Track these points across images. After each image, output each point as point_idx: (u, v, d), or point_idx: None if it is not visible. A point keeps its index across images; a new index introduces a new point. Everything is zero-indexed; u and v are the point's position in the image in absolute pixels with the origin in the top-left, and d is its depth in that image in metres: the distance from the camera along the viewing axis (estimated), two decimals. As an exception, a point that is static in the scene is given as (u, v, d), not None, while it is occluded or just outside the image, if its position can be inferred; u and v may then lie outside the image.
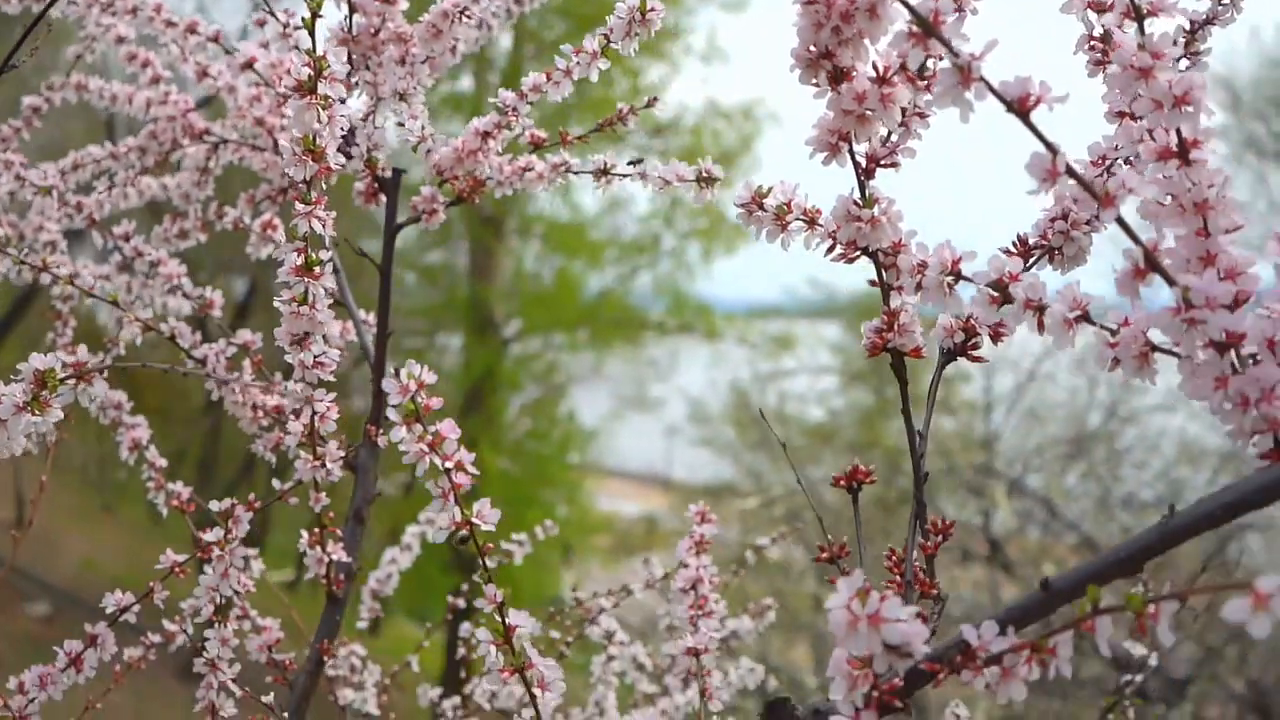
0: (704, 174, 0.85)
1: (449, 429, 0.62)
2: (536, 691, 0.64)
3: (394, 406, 0.60)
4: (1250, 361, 0.52)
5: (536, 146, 0.99)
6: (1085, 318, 0.56)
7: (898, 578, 0.65)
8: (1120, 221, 0.51)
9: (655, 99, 1.02)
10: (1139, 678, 1.10)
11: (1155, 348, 0.55)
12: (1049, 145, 0.51)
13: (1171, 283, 0.51)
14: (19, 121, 1.36)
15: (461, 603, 1.52)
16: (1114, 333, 0.55)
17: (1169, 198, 0.55)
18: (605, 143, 1.04)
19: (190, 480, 1.09)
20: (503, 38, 9.96)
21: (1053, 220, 0.68)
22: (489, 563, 0.65)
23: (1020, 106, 0.51)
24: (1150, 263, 0.52)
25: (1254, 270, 0.54)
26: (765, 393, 10.18)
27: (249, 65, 1.07)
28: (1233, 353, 0.53)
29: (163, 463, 1.11)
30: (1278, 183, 8.01)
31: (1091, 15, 0.63)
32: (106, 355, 0.99)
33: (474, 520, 0.63)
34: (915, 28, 0.51)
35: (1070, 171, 0.51)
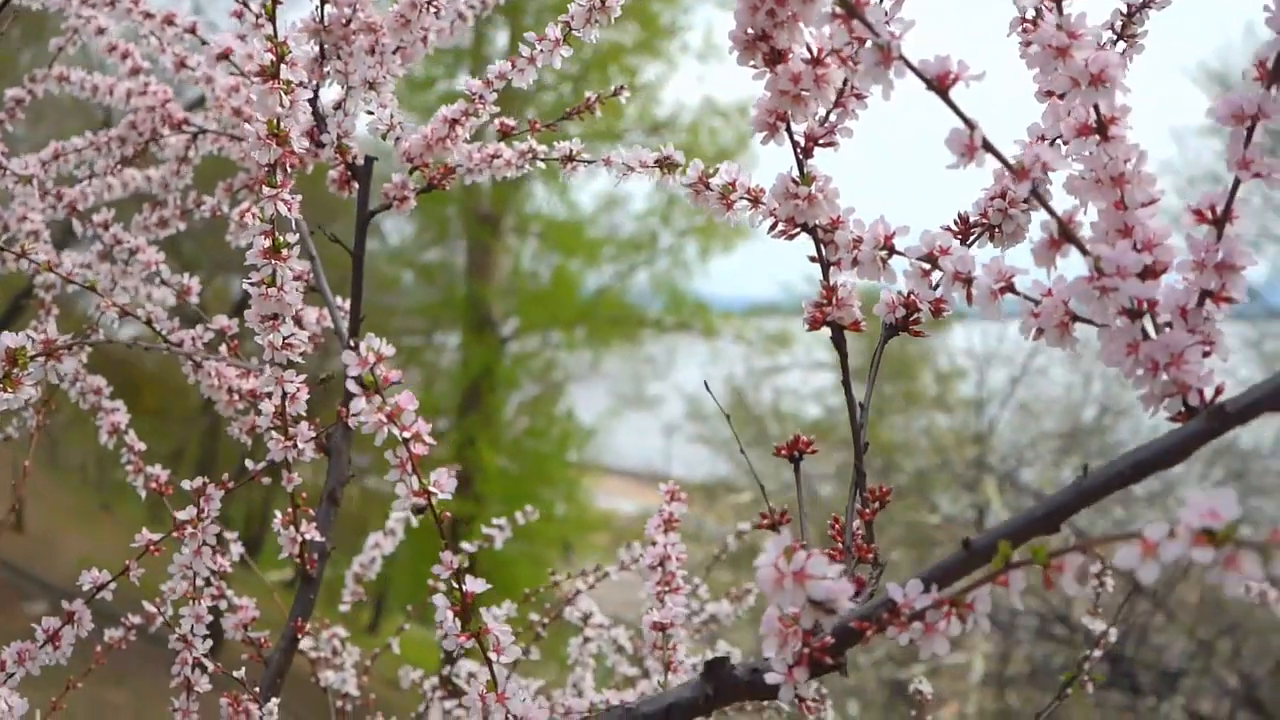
0: (664, 160, 0.88)
1: (407, 400, 0.64)
2: (492, 655, 0.67)
3: (353, 378, 0.62)
4: (1166, 329, 0.54)
5: (505, 135, 1.01)
6: (1009, 288, 0.58)
7: (839, 544, 0.67)
8: (1035, 194, 0.54)
9: (622, 88, 1.04)
10: (1097, 653, 1.12)
11: (1076, 317, 0.57)
12: (967, 121, 0.53)
13: (1085, 252, 0.54)
14: (2, 114, 1.38)
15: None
16: (1037, 303, 0.58)
17: (1090, 172, 0.57)
18: (603, 141, 1.06)
19: (189, 479, 1.10)
20: (499, 36, 9.99)
21: (992, 199, 0.70)
22: (468, 546, 0.67)
23: (940, 84, 0.53)
24: (1065, 234, 0.54)
25: (1169, 242, 0.56)
26: (761, 389, 10.20)
27: (225, 56, 1.09)
28: (1148, 320, 0.55)
29: (141, 446, 1.13)
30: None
31: (1023, -2, 0.65)
32: (84, 340, 1.01)
33: (431, 489, 0.65)
34: (839, 9, 0.53)
35: (987, 146, 0.53)
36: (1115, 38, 0.71)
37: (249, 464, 0.98)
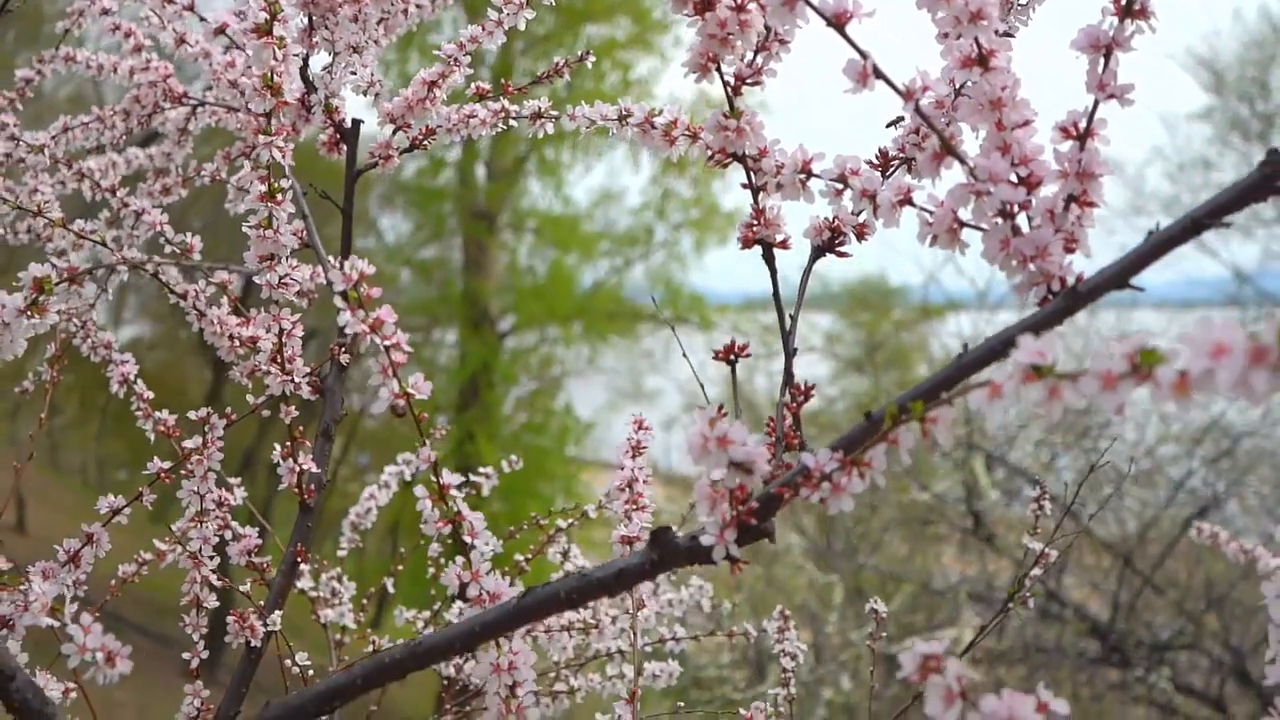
0: (624, 113, 0.96)
1: (387, 314, 0.73)
2: (468, 539, 0.75)
3: (339, 293, 0.71)
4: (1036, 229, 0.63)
5: (480, 97, 1.10)
6: (908, 201, 0.67)
7: (771, 437, 0.76)
8: (919, 113, 0.63)
9: (588, 53, 1.12)
10: (1037, 571, 1.21)
11: (963, 223, 0.66)
12: (861, 52, 0.62)
13: (963, 162, 0.62)
14: (12, 93, 1.46)
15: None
16: (931, 213, 0.67)
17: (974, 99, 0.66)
18: (597, 136, 1.14)
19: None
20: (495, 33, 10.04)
21: (907, 134, 0.79)
22: (458, 485, 0.76)
23: (838, 21, 0.62)
24: (946, 147, 0.63)
25: (1042, 158, 0.65)
26: (755, 380, 10.28)
27: (221, 31, 1.18)
28: (1024, 221, 0.64)
29: (150, 395, 1.22)
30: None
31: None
32: (103, 266, 1.09)
33: (410, 390, 0.74)
34: (750, -43, 0.62)
35: (878, 73, 0.62)
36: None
37: (245, 458, 1.07)
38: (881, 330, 10.74)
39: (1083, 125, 0.63)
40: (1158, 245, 0.57)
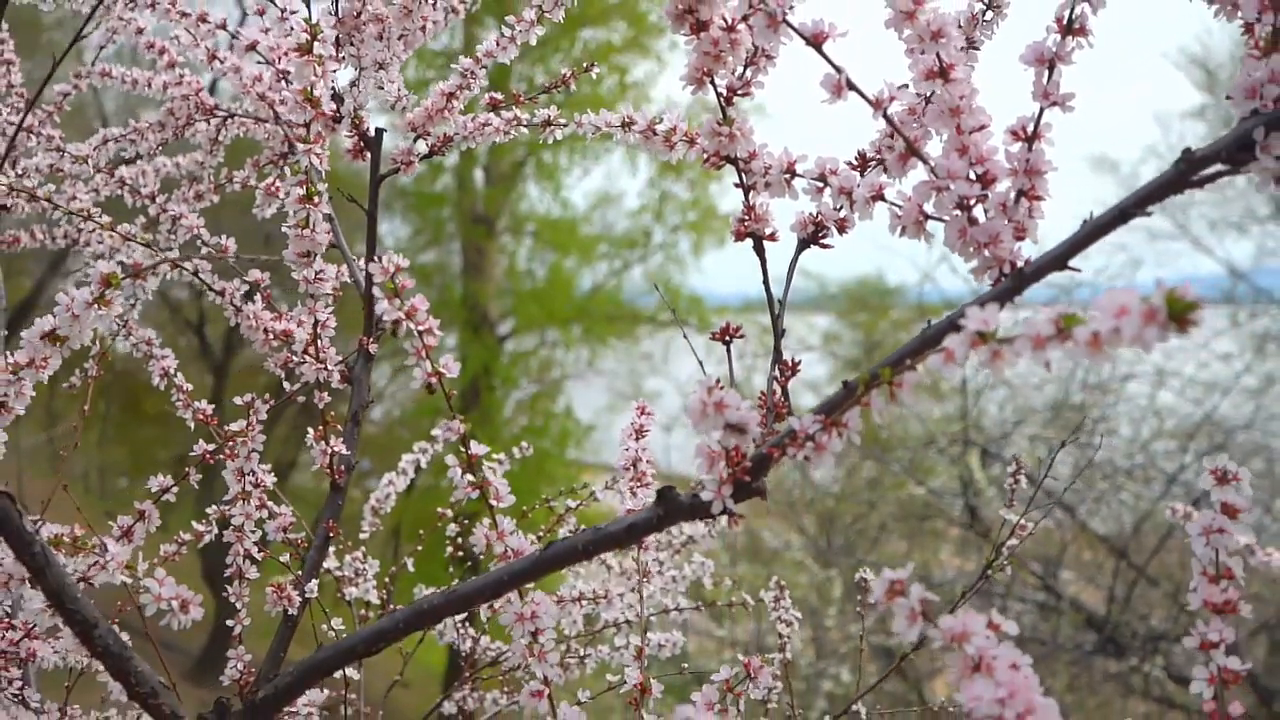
0: (627, 120, 1.06)
1: (420, 302, 0.82)
2: (493, 502, 0.85)
3: (378, 284, 0.81)
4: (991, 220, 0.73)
5: (494, 107, 1.19)
6: (879, 197, 0.77)
7: (763, 408, 0.85)
8: (887, 119, 0.72)
9: (592, 64, 1.22)
10: (1013, 541, 1.30)
11: (927, 215, 0.75)
12: (836, 68, 0.72)
13: (925, 162, 0.72)
14: (51, 105, 1.56)
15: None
16: (900, 207, 0.76)
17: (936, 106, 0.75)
18: (596, 140, 1.23)
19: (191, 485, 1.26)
20: (489, 37, 10.17)
21: (882, 138, 0.88)
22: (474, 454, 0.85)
23: (816, 40, 0.71)
24: (910, 150, 0.72)
25: (997, 157, 0.74)
26: (755, 380, 10.36)
27: (252, 47, 1.27)
28: (981, 212, 0.73)
29: (189, 386, 1.31)
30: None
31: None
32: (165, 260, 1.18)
33: (441, 370, 0.83)
34: (739, -14, 0.71)
35: (850, 85, 0.71)
36: (983, 8, 0.89)
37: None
38: (879, 330, 10.83)
39: (1030, 129, 0.73)
40: (1091, 231, 0.67)
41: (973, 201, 0.72)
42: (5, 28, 1.62)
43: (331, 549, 1.52)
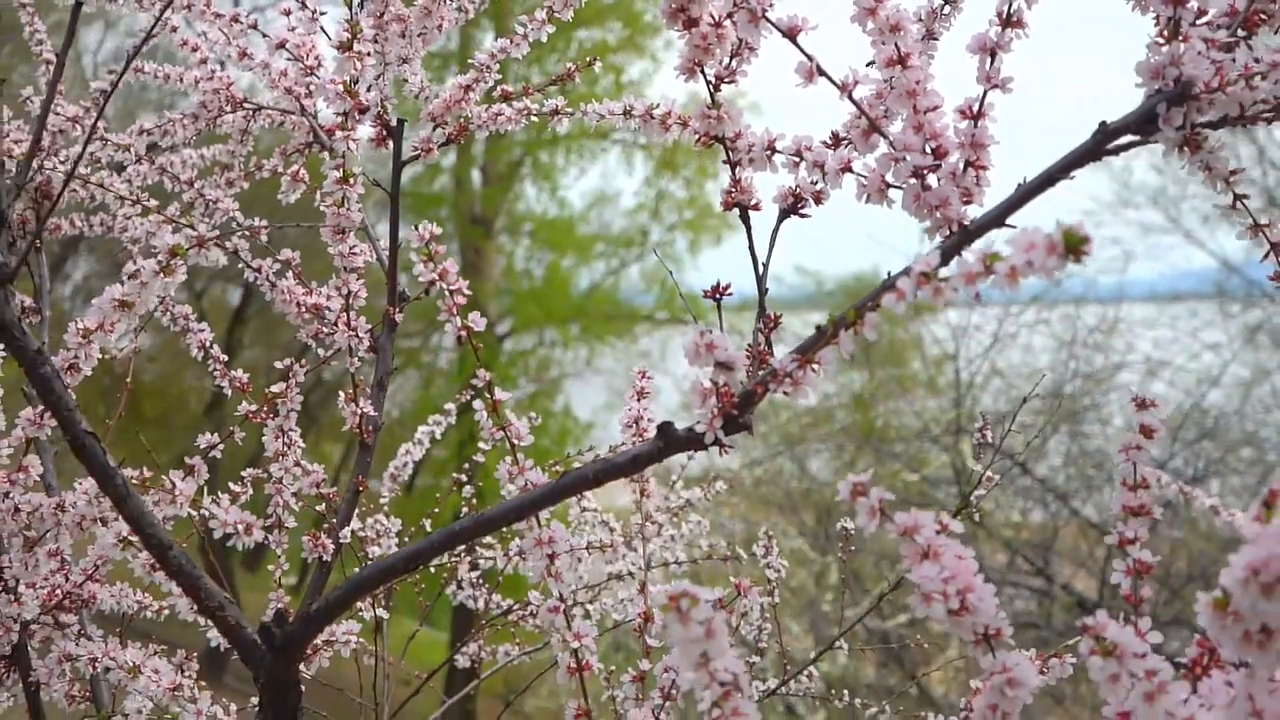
0: (627, 108, 1.17)
1: (451, 265, 0.94)
2: (515, 440, 0.97)
3: (415, 250, 0.93)
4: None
5: (506, 98, 1.31)
6: (848, 169, 0.89)
7: (749, 362, 0.97)
8: (853, 101, 0.84)
9: (594, 59, 1.34)
10: (981, 492, 1.41)
11: (888, 184, 0.87)
12: (808, 56, 0.83)
13: (885, 138, 0.84)
14: (88, 102, 1.67)
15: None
16: (865, 178, 0.88)
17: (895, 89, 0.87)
18: (596, 137, 1.35)
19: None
20: (486, 38, 10.30)
21: (852, 118, 1.00)
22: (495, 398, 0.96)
23: (790, 33, 0.83)
24: (873, 127, 0.84)
25: (948, 134, 0.86)
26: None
27: (282, 45, 1.39)
28: (934, 180, 0.85)
29: (224, 357, 1.43)
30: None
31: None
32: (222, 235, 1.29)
33: (469, 324, 0.95)
34: (724, -13, 0.83)
35: (820, 71, 0.83)
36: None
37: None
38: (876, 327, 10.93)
39: (976, 109, 0.85)
40: (1024, 194, 0.79)
41: (926, 171, 0.84)
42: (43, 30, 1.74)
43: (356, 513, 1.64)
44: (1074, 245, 0.59)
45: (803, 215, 1.00)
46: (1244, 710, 0.60)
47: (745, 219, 0.97)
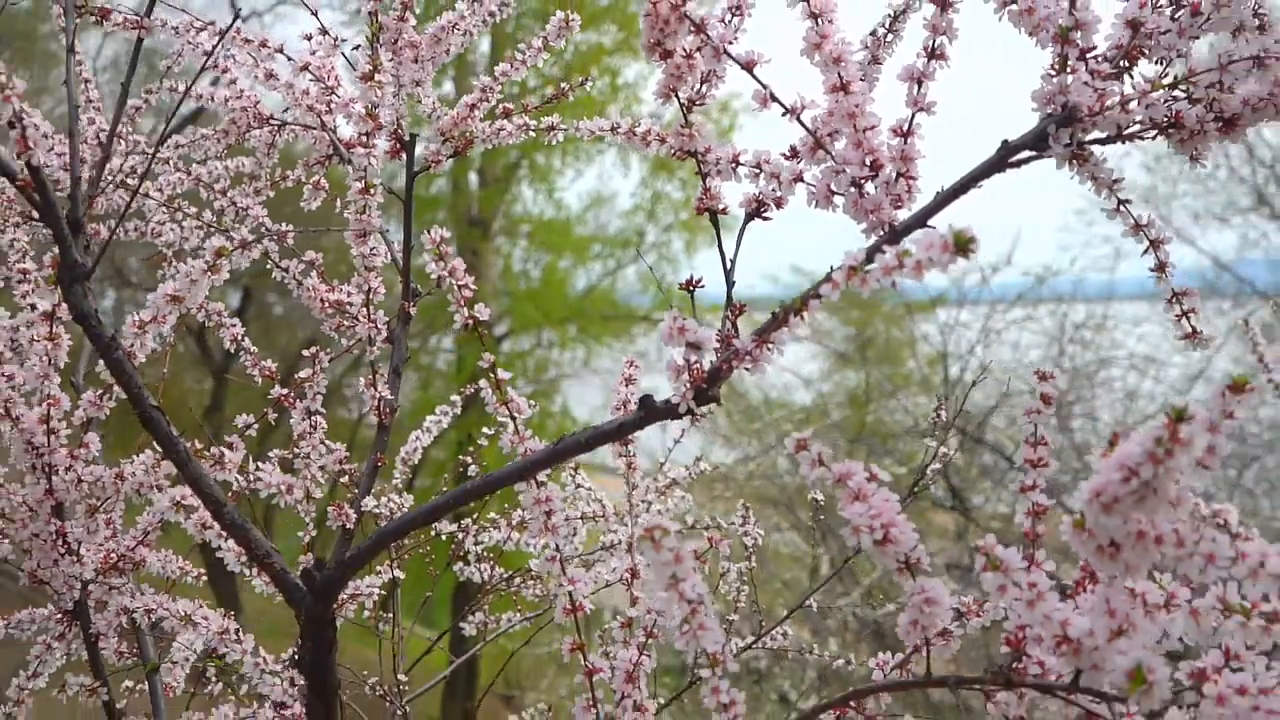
0: (615, 125, 1.33)
1: (460, 263, 1.10)
2: (516, 414, 1.12)
3: (426, 250, 1.08)
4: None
5: (506, 115, 1.46)
6: (800, 179, 1.04)
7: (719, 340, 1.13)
8: (800, 122, 1.00)
9: (587, 78, 1.49)
10: (936, 467, 1.56)
11: (833, 192, 1.03)
12: (762, 85, 0.99)
13: (828, 153, 0.99)
14: (124, 118, 1.83)
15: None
16: (813, 187, 1.04)
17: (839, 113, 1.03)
18: (592, 142, 1.50)
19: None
20: (481, 43, 10.46)
21: (804, 138, 1.15)
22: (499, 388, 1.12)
23: (747, 65, 0.99)
24: (817, 143, 1.00)
25: (883, 149, 1.02)
26: (745, 376, 10.60)
27: (305, 68, 1.55)
28: (871, 188, 1.01)
29: (255, 350, 1.58)
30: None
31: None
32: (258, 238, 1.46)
33: (475, 315, 1.11)
34: (693, 27, 0.99)
35: (773, 97, 0.99)
36: (885, 31, 1.17)
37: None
38: (871, 326, 11.11)
39: (905, 128, 1.00)
40: (939, 202, 0.94)
41: (864, 181, 0.99)
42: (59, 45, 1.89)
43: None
44: (963, 245, 0.75)
45: (765, 218, 1.15)
46: (1101, 608, 0.76)
47: (715, 222, 1.13)
